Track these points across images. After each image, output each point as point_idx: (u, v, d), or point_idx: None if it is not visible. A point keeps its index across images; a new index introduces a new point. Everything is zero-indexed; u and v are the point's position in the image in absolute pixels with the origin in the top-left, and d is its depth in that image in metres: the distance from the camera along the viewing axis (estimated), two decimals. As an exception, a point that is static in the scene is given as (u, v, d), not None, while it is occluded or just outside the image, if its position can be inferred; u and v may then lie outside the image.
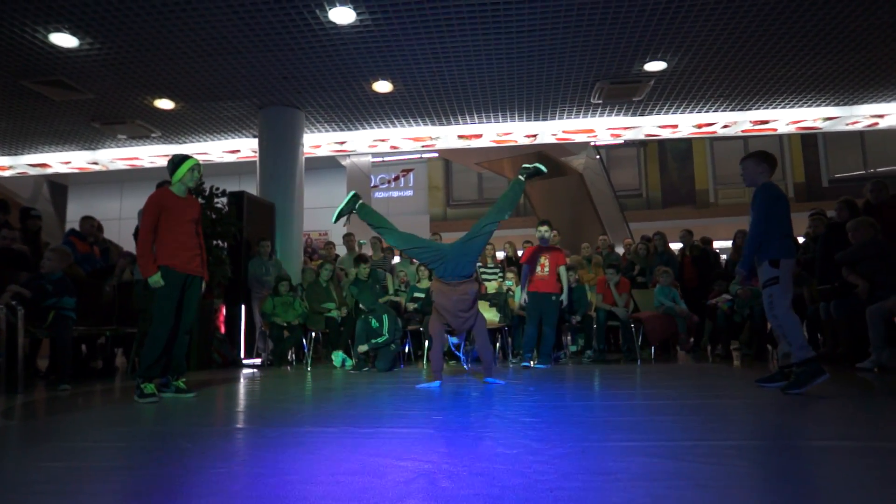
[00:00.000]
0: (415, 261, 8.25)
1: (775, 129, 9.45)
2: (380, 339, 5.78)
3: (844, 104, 8.52)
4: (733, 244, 7.08)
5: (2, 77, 7.02)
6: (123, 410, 3.39)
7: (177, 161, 4.00)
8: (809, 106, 8.57)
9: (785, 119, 8.97)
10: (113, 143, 9.76)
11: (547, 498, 1.50)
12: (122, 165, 10.80)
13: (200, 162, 4.12)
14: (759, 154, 3.86)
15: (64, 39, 6.11)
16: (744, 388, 3.87)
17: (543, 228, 5.95)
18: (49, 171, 11.10)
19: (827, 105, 8.55)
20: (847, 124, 9.21)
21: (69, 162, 10.58)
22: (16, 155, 10.28)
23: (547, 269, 5.84)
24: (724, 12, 5.89)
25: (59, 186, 12.89)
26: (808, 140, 16.46)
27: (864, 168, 16.11)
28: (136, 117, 8.48)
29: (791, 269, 3.63)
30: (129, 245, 7.64)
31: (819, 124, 9.20)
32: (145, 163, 10.57)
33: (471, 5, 5.67)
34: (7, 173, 11.14)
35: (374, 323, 5.87)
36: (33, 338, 5.00)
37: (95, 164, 10.71)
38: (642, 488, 1.58)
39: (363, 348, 5.87)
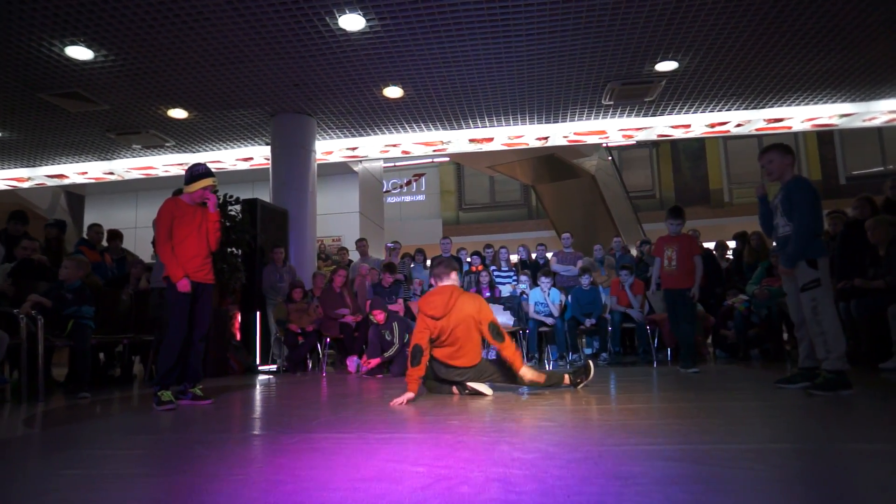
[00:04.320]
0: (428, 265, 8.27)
1: (790, 127, 9.34)
2: (392, 350, 5.79)
3: (861, 100, 8.41)
4: (747, 245, 6.99)
5: (20, 90, 7.15)
6: (141, 418, 3.42)
7: (195, 175, 3.99)
8: (825, 103, 8.47)
9: (800, 116, 8.86)
10: (128, 153, 9.89)
11: (564, 503, 1.49)
12: (137, 175, 10.93)
13: (216, 180, 4.05)
14: (782, 146, 3.73)
15: (80, 52, 6.21)
16: (763, 389, 3.81)
17: (676, 221, 5.44)
18: (66, 181, 11.26)
19: (843, 101, 8.44)
20: (864, 120, 9.07)
21: (86, 172, 10.73)
22: (34, 166, 10.46)
23: (675, 262, 5.30)
24: (736, 10, 5.84)
25: (76, 197, 13.08)
26: (824, 137, 16.25)
27: (882, 164, 15.87)
28: (151, 127, 8.59)
29: (828, 268, 3.53)
30: (144, 253, 7.73)
31: (835, 121, 9.07)
32: (160, 172, 10.69)
33: (479, 9, 5.67)
34: (26, 185, 11.32)
35: (387, 336, 5.88)
36: (49, 346, 5.05)
37: (111, 174, 10.86)
38: (660, 493, 1.56)
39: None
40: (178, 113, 8.08)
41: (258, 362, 7.17)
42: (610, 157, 14.33)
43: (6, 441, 2.86)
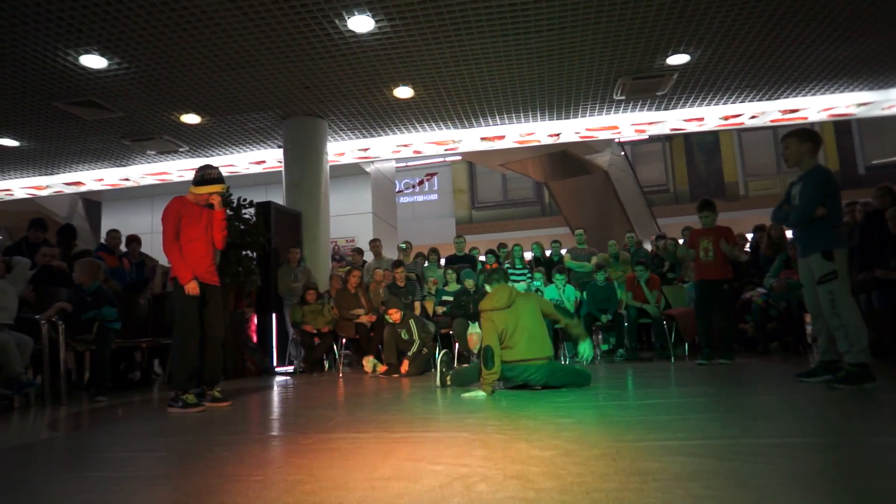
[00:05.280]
0: (441, 264, 8.28)
1: (806, 118, 9.19)
2: (413, 349, 5.80)
3: (879, 88, 8.26)
4: (767, 237, 6.90)
5: (36, 100, 7.26)
6: (161, 421, 3.46)
7: (206, 179, 3.96)
8: (842, 92, 8.33)
9: (816, 106, 8.72)
10: (143, 159, 10.01)
11: (584, 500, 1.48)
12: (152, 180, 11.07)
13: (225, 188, 4.05)
14: (803, 132, 3.70)
15: (93, 61, 6.29)
16: (783, 383, 3.76)
17: (703, 214, 5.49)
18: (83, 188, 11.43)
19: (861, 90, 8.30)
20: (883, 109, 8.91)
21: (102, 179, 10.88)
22: (52, 174, 10.62)
23: (711, 253, 5.32)
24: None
25: (93, 203, 13.27)
26: (842, 127, 16.00)
27: (902, 153, 15.61)
28: (164, 133, 8.68)
29: (846, 259, 3.48)
30: (161, 257, 7.80)
31: (853, 110, 8.92)
32: (174, 177, 10.81)
33: (488, 7, 5.66)
34: (44, 192, 11.50)
35: (404, 335, 5.89)
36: (75, 351, 5.11)
37: (127, 180, 11.00)
38: (681, 488, 1.54)
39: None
40: (191, 118, 8.15)
41: (275, 364, 7.22)
42: (623, 153, 14.23)
43: (32, 444, 2.91)
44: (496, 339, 3.91)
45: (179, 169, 10.44)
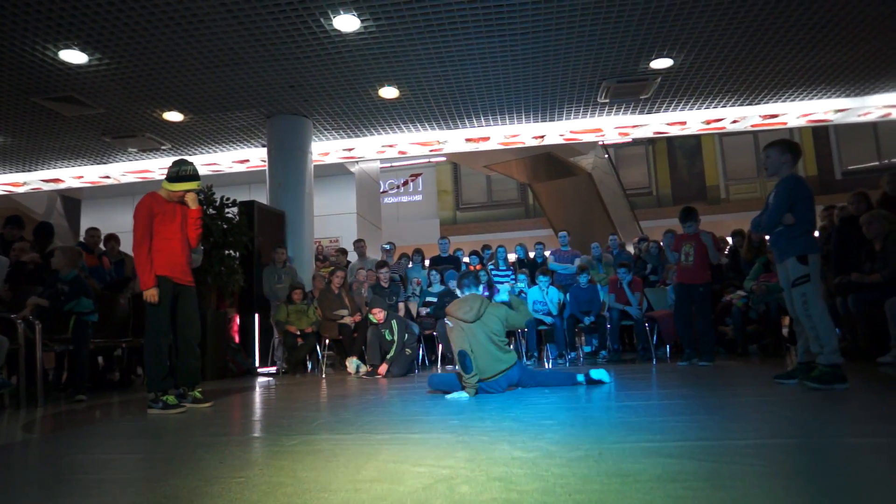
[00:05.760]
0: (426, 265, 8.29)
1: (785, 123, 9.37)
2: (392, 351, 5.80)
3: (856, 95, 8.43)
4: (747, 241, 7.00)
5: (14, 95, 7.12)
6: (141, 422, 3.42)
7: (182, 176, 3.90)
8: (820, 98, 8.49)
9: (795, 112, 8.88)
10: (124, 157, 9.87)
11: (566, 502, 1.50)
12: (133, 178, 10.91)
13: (200, 184, 4.05)
14: (784, 143, 3.80)
15: (74, 56, 6.19)
16: (761, 385, 3.82)
17: (687, 224, 5.63)
18: (62, 185, 11.23)
19: (838, 97, 8.46)
20: (859, 115, 9.10)
21: (81, 176, 10.70)
22: (29, 171, 10.42)
23: (692, 258, 5.47)
24: (731, 6, 5.85)
25: (72, 201, 13.05)
26: (820, 132, 16.30)
27: (878, 159, 15.96)
28: (146, 130, 8.57)
29: (819, 264, 3.58)
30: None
31: (830, 116, 9.10)
32: (156, 175, 10.67)
33: (474, 8, 5.68)
34: (21, 189, 11.29)
35: (387, 335, 5.89)
36: (54, 352, 5.02)
37: (107, 177, 10.83)
38: (661, 490, 1.56)
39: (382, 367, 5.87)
40: (173, 116, 8.06)
41: (257, 364, 7.16)
42: (606, 155, 14.35)
43: (7, 446, 2.86)
44: (468, 344, 3.91)
45: (161, 167, 10.30)
